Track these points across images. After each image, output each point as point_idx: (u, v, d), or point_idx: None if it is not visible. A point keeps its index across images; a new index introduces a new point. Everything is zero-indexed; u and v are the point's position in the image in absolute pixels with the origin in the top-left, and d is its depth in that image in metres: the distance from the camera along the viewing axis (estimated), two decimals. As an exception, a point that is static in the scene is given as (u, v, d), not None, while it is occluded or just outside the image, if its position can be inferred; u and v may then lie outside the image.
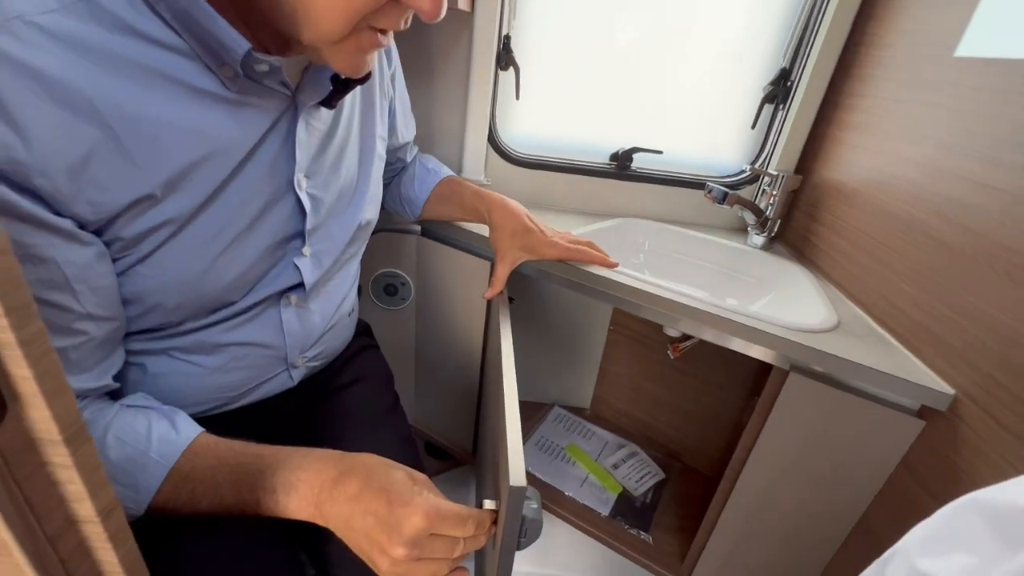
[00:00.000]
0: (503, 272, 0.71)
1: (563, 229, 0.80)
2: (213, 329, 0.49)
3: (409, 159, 0.79)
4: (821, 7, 0.84)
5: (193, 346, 0.49)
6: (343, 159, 0.55)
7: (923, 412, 0.59)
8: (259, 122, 0.45)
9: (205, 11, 0.37)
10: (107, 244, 0.39)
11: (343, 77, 0.47)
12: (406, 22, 0.42)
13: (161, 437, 0.42)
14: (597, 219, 1.00)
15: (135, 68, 0.37)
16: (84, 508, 0.25)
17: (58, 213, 0.35)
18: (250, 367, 0.54)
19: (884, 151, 0.74)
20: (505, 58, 0.92)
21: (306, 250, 0.52)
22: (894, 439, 0.61)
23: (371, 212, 0.61)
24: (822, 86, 0.87)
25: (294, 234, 0.51)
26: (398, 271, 0.97)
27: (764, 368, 0.68)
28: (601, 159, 1.02)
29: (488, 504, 0.46)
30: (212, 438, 0.44)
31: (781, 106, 0.92)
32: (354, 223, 0.58)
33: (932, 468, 0.58)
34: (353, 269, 0.65)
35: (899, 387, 0.58)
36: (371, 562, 0.40)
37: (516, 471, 0.41)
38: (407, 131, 0.74)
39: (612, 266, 0.74)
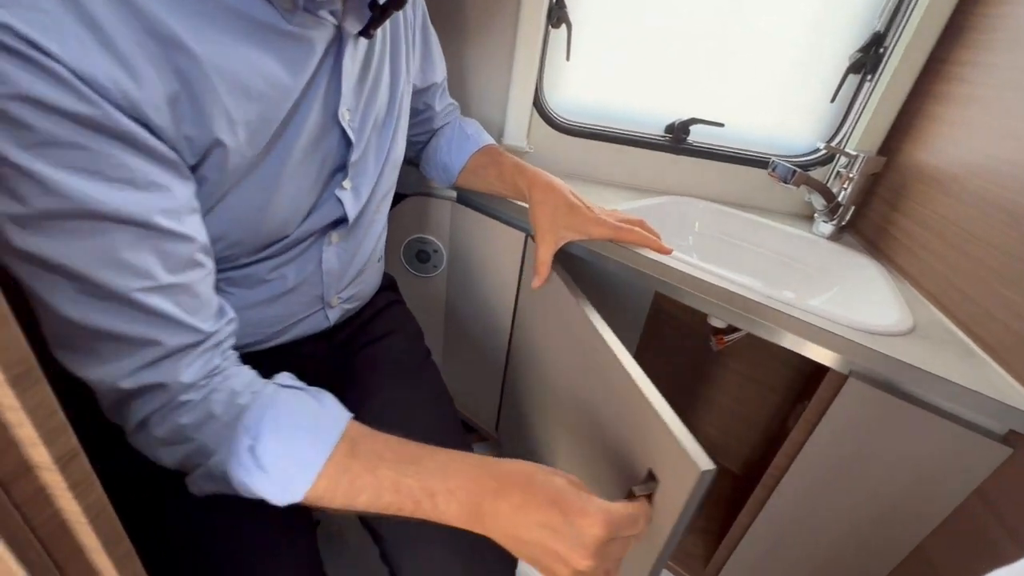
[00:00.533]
0: (546, 254, 0.65)
1: (608, 204, 0.74)
2: (261, 265, 0.50)
3: (439, 108, 0.74)
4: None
5: (241, 279, 0.50)
6: (377, 92, 0.54)
7: (1010, 437, 0.50)
8: (312, 57, 0.43)
9: None
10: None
11: (381, 3, 0.45)
12: None
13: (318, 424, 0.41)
14: (645, 195, 0.93)
15: (208, 3, 0.35)
16: (38, 453, 0.23)
17: (172, 148, 0.35)
18: (289, 303, 0.55)
19: (993, 129, 0.63)
20: (557, 14, 0.84)
21: (347, 183, 0.52)
22: (971, 464, 0.52)
23: (400, 148, 0.61)
24: (923, 52, 0.75)
25: (337, 167, 0.51)
26: (431, 237, 0.94)
27: (818, 370, 0.60)
28: (655, 130, 0.94)
29: (639, 490, 0.44)
30: (360, 432, 0.42)
31: (869, 77, 0.80)
32: (385, 157, 0.57)
33: (1015, 502, 0.49)
34: (383, 213, 0.64)
35: (983, 406, 0.50)
36: (548, 571, 0.39)
37: (697, 453, 0.39)
38: (432, 71, 0.69)
39: (666, 252, 0.67)
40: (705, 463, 0.39)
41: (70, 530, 0.26)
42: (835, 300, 0.72)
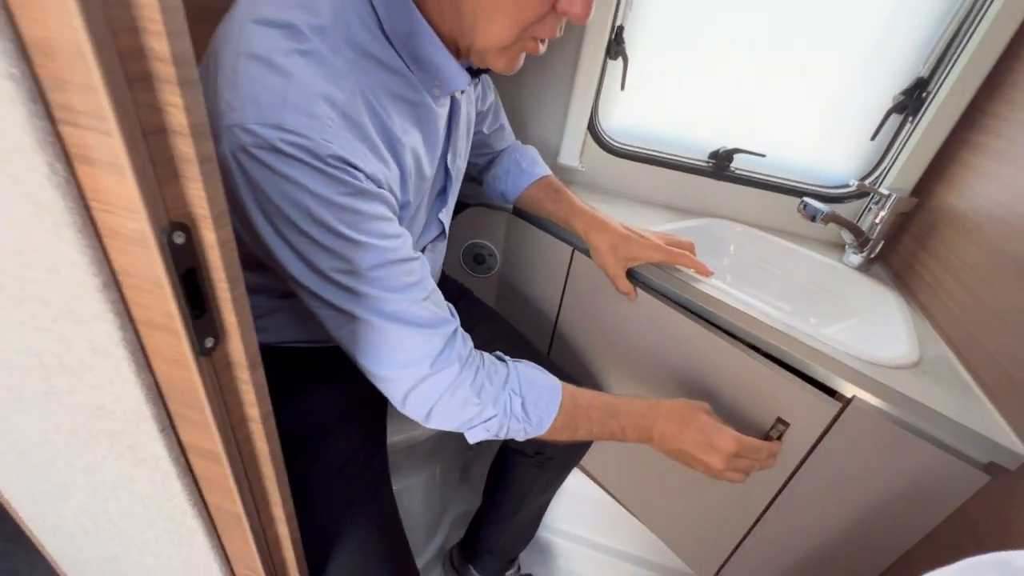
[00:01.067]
0: (623, 283, 0.77)
1: (650, 223, 0.83)
2: None
3: (487, 131, 0.84)
4: (980, 10, 0.75)
5: None
6: (468, 142, 0.69)
7: (990, 467, 0.56)
8: (440, 122, 0.57)
9: (441, 51, 0.49)
10: None
11: (476, 68, 0.56)
12: (560, 29, 0.50)
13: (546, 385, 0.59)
14: (686, 216, 1.00)
15: (389, 97, 0.49)
16: (252, 410, 0.35)
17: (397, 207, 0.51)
18: None
19: (1018, 186, 0.67)
20: (615, 49, 0.92)
21: (445, 209, 0.66)
22: (954, 488, 0.59)
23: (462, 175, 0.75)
24: (963, 101, 0.78)
25: (440, 196, 0.65)
26: (487, 243, 1.05)
27: (825, 391, 0.68)
28: (699, 155, 1.01)
29: (773, 433, 0.67)
30: (571, 388, 0.60)
31: (911, 119, 0.84)
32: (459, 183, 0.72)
33: (988, 523, 0.56)
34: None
35: (970, 438, 0.56)
36: (695, 465, 0.61)
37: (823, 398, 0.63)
38: (479, 102, 0.80)
39: (708, 274, 0.76)
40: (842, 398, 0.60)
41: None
42: (853, 329, 0.78)
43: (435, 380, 0.51)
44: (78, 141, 0.22)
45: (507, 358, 0.59)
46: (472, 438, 0.56)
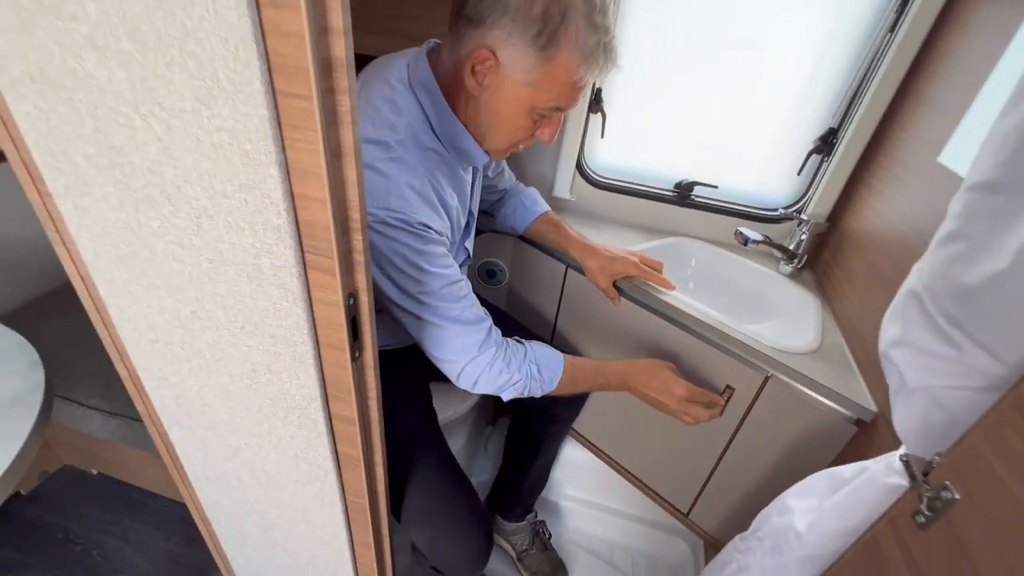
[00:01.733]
0: (611, 291, 1.00)
1: (627, 242, 1.06)
2: None
3: (491, 174, 1.06)
4: (871, 75, 0.97)
5: None
6: (480, 189, 0.92)
7: (857, 422, 0.79)
8: (468, 185, 0.82)
9: (467, 138, 0.72)
10: None
11: None
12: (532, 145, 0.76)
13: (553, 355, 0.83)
14: (657, 236, 1.22)
15: (441, 174, 0.73)
16: (372, 392, 0.58)
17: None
18: None
19: (886, 218, 0.90)
20: (596, 105, 1.15)
21: (469, 239, 0.89)
22: (836, 437, 0.82)
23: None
24: (859, 149, 1.01)
25: (465, 231, 0.87)
26: (498, 260, 1.28)
27: (754, 369, 0.91)
28: (667, 186, 1.23)
29: (723, 397, 0.85)
30: (570, 357, 0.84)
31: (826, 159, 1.07)
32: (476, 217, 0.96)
33: (850, 457, 0.79)
34: None
35: (844, 402, 0.79)
36: (659, 407, 0.83)
37: (757, 369, 0.84)
38: (500, 179, 1.06)
39: (671, 288, 0.99)
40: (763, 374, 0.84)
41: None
42: (780, 323, 1.01)
43: (480, 360, 0.75)
44: (315, 264, 0.45)
45: (524, 341, 0.83)
46: (506, 397, 0.80)
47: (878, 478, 0.52)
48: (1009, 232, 0.39)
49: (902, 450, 0.51)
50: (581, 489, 1.46)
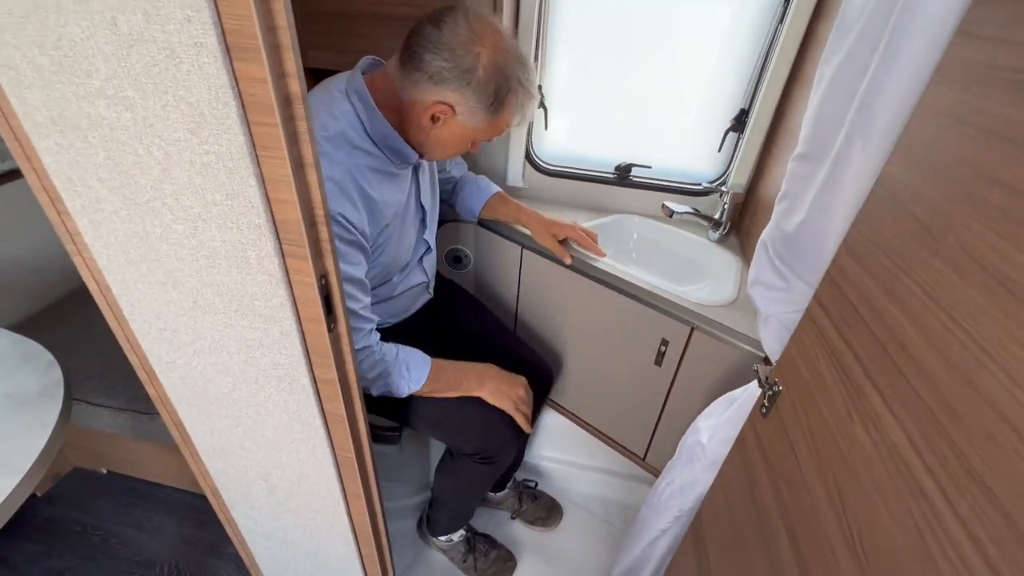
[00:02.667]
0: (556, 247, 1.13)
1: (575, 221, 1.20)
2: (400, 278, 1.00)
3: (457, 175, 1.19)
4: (768, 62, 1.10)
5: (393, 285, 1.00)
6: (435, 185, 1.03)
7: (765, 358, 0.94)
8: (406, 179, 0.92)
9: (397, 139, 0.83)
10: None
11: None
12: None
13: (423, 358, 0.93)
14: (602, 214, 1.35)
15: (380, 169, 0.83)
16: (349, 357, 0.70)
17: (368, 243, 0.84)
18: (415, 292, 1.07)
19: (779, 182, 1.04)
20: (539, 100, 1.26)
21: (428, 232, 1.00)
22: (751, 371, 0.97)
23: (437, 207, 1.08)
24: (765, 126, 1.14)
25: (421, 224, 0.98)
26: (463, 247, 1.40)
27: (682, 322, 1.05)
28: (607, 169, 1.36)
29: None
30: (436, 360, 0.95)
31: (740, 136, 1.20)
32: (435, 213, 1.06)
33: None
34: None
35: (752, 343, 0.93)
36: (483, 394, 0.96)
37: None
38: (455, 168, 1.17)
39: (601, 255, 1.12)
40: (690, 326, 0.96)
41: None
42: (707, 285, 1.15)
43: (363, 353, 0.86)
44: (291, 252, 0.57)
45: (399, 345, 0.92)
46: (375, 391, 0.91)
47: (754, 392, 0.66)
48: (810, 190, 0.53)
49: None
50: (556, 450, 1.60)
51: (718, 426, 0.72)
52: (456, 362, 0.98)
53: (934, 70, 0.36)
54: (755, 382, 0.68)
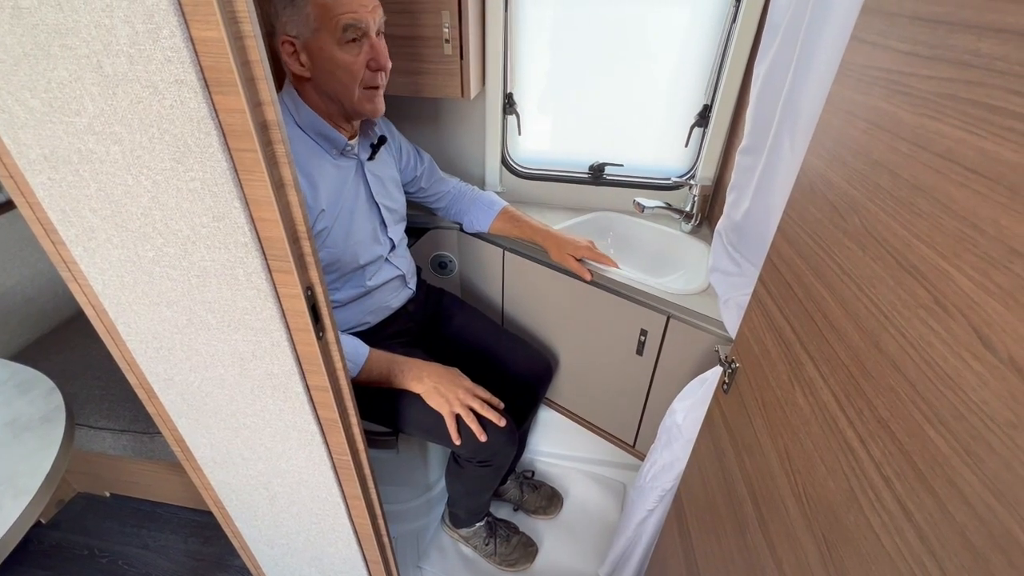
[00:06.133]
0: (575, 266, 1.14)
1: (554, 221, 1.24)
2: (367, 274, 1.02)
3: (426, 184, 1.21)
4: (725, 60, 1.15)
5: (366, 283, 1.03)
6: (393, 186, 1.06)
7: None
8: (351, 172, 0.95)
9: (325, 126, 0.88)
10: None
11: (373, 144, 1.00)
12: (383, 77, 0.90)
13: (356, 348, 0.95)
14: (579, 214, 1.40)
15: (311, 154, 0.88)
16: (339, 364, 0.74)
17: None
18: (390, 287, 1.09)
19: (753, 173, 1.09)
20: (509, 108, 1.31)
21: (391, 230, 1.03)
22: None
23: (403, 210, 1.11)
24: (727, 120, 1.20)
25: (382, 223, 1.02)
26: (447, 253, 1.44)
27: (658, 312, 1.09)
28: (582, 169, 1.40)
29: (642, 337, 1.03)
30: (376, 351, 0.96)
31: (704, 130, 1.25)
32: (399, 216, 1.09)
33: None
34: (404, 239, 1.15)
35: (723, 326, 0.98)
36: (445, 398, 0.95)
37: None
38: (412, 170, 1.18)
39: (614, 266, 1.15)
40: (665, 315, 0.99)
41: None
42: (682, 275, 1.19)
43: None
44: (277, 267, 0.60)
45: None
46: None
47: (719, 371, 0.70)
48: (752, 181, 0.57)
49: (730, 346, 0.69)
50: (550, 444, 1.64)
51: (692, 406, 0.76)
52: (398, 356, 0.98)
53: (837, 71, 0.40)
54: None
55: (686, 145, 1.28)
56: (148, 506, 1.47)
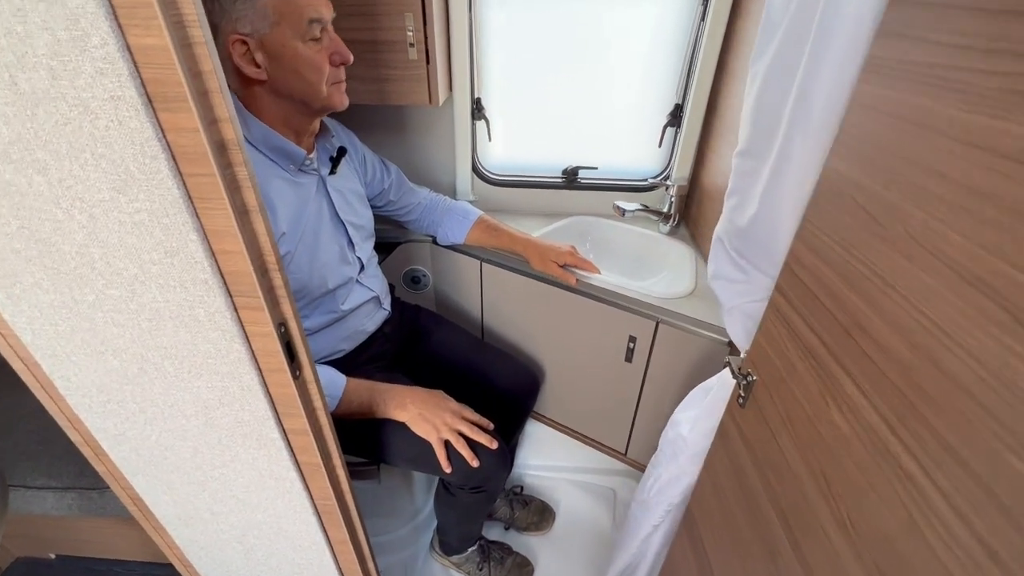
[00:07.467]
0: (559, 272, 1.10)
1: (530, 228, 1.20)
2: (338, 298, 0.95)
3: (395, 197, 1.15)
4: (695, 59, 1.15)
5: (337, 308, 0.95)
6: (360, 202, 0.99)
7: (729, 343, 0.97)
8: (309, 190, 0.88)
9: (280, 139, 0.80)
10: None
11: (332, 157, 0.93)
12: (343, 72, 0.83)
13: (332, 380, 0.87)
14: (555, 219, 1.36)
15: (265, 172, 0.80)
16: (318, 402, 0.67)
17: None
18: (365, 311, 1.01)
19: (721, 172, 1.08)
20: (478, 113, 1.26)
21: (359, 249, 0.96)
22: (717, 358, 0.99)
23: (370, 226, 1.04)
24: (700, 119, 1.19)
25: (348, 242, 0.95)
26: (420, 267, 1.37)
27: (646, 317, 1.07)
28: (555, 173, 1.37)
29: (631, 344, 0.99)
30: (354, 380, 0.89)
31: (677, 130, 1.25)
32: (367, 233, 1.02)
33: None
34: (375, 257, 1.07)
35: (715, 329, 0.97)
36: (431, 424, 0.89)
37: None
38: (378, 183, 1.11)
39: (596, 272, 1.11)
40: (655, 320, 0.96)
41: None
42: (664, 277, 1.18)
43: None
44: (244, 304, 0.53)
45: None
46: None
47: (727, 381, 0.68)
48: (757, 185, 0.55)
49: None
50: (539, 457, 1.60)
51: (697, 417, 0.74)
52: (377, 383, 0.91)
53: (862, 67, 0.38)
54: (726, 371, 0.70)
55: (659, 145, 1.27)
56: (102, 565, 1.33)
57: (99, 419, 0.65)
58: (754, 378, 0.54)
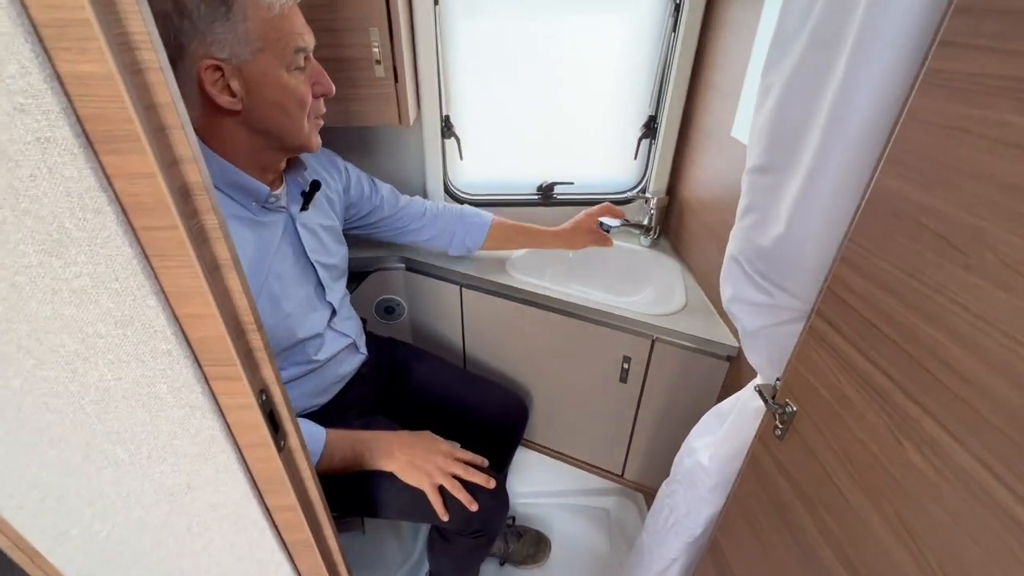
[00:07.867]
0: (595, 241, 1.12)
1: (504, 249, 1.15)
2: (306, 349, 0.85)
3: (417, 209, 1.07)
4: (668, 70, 1.14)
5: (311, 359, 0.86)
6: (332, 242, 0.89)
7: (728, 357, 0.95)
8: (274, 230, 0.78)
9: (240, 175, 0.70)
10: None
11: (304, 191, 0.83)
12: (324, 104, 0.76)
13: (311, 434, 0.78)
14: (533, 236, 1.32)
15: (230, 218, 0.70)
16: (307, 473, 0.58)
17: None
18: (344, 357, 0.92)
19: (701, 184, 1.08)
20: (447, 132, 1.20)
21: (330, 294, 0.87)
22: (716, 374, 0.97)
23: (344, 264, 0.95)
24: (675, 130, 1.18)
25: (319, 285, 0.86)
26: (394, 296, 1.28)
27: (641, 336, 1.03)
28: (530, 190, 1.32)
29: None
30: (334, 431, 0.80)
31: (652, 142, 1.23)
32: (340, 273, 0.93)
33: (730, 387, 0.95)
34: (347, 297, 0.98)
35: (715, 346, 0.94)
36: (423, 471, 0.80)
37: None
38: (366, 202, 1.02)
39: (622, 216, 1.10)
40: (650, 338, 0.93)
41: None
42: (651, 291, 1.15)
43: None
44: (217, 375, 0.44)
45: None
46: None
47: (747, 405, 0.64)
48: (781, 202, 0.51)
49: (759, 379, 0.63)
50: (531, 485, 1.53)
51: (716, 446, 0.70)
52: (360, 433, 0.82)
53: (918, 79, 0.35)
54: (745, 394, 0.67)
55: (635, 157, 1.25)
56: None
57: (34, 518, 0.54)
58: (793, 408, 0.51)
